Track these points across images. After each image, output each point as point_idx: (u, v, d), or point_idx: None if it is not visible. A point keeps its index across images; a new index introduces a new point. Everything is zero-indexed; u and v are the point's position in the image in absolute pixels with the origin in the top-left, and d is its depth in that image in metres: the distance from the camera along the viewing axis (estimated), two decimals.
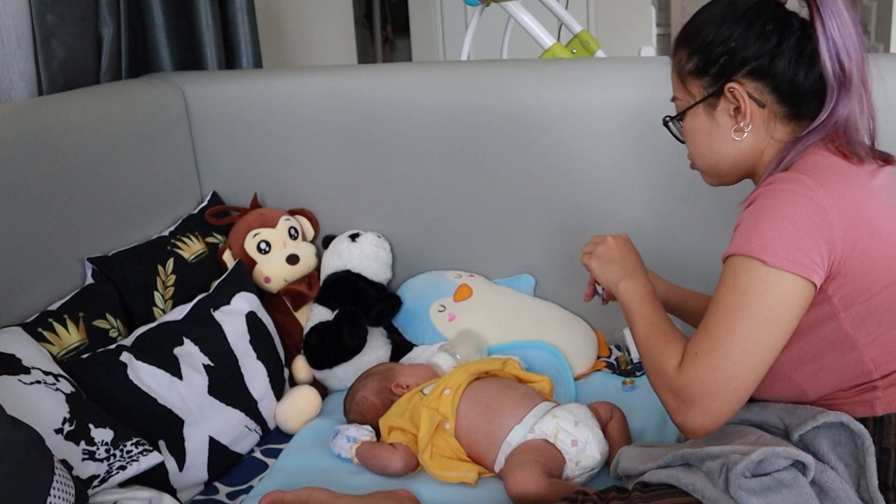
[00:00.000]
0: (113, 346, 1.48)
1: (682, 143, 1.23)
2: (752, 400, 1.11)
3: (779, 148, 1.13)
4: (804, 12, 1.11)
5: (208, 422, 1.49)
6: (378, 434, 1.57)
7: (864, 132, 1.12)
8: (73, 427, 1.24)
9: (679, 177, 1.29)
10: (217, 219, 1.95)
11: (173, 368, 1.48)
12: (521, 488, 1.32)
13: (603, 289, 1.35)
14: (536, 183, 1.85)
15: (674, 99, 1.22)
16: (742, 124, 1.14)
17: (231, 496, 1.48)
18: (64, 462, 1.17)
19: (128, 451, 1.29)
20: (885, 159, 1.13)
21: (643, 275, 1.26)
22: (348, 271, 1.91)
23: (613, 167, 1.79)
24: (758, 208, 1.05)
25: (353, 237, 1.94)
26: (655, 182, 1.76)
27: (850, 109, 1.08)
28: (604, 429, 1.46)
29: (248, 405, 1.59)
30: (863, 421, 1.08)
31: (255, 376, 1.62)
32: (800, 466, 1.06)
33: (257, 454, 1.59)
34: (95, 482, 1.23)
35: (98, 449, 1.26)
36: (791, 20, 1.11)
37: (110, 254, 1.67)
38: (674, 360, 1.09)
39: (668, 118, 1.24)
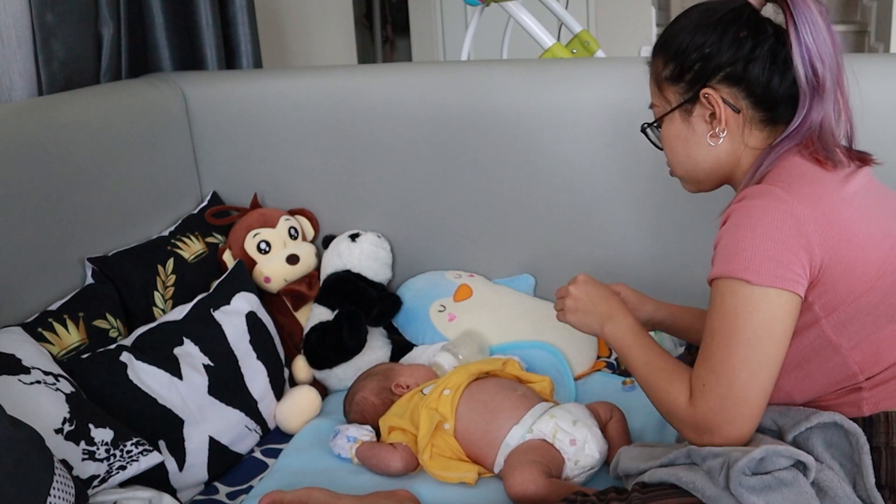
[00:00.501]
0: (113, 346, 1.48)
1: (661, 149, 1.25)
2: None
3: (755, 155, 1.15)
4: (779, 18, 1.12)
5: (208, 422, 1.49)
6: (378, 434, 1.57)
7: (842, 136, 1.13)
8: (73, 427, 1.24)
9: None
10: (217, 219, 1.95)
11: (173, 368, 1.48)
12: (521, 488, 1.32)
13: None
14: (537, 183, 1.85)
15: (652, 106, 1.24)
16: (717, 130, 1.15)
17: (231, 496, 1.48)
18: (64, 462, 1.17)
19: (128, 451, 1.29)
20: (862, 159, 1.14)
21: (622, 312, 1.27)
22: (348, 271, 1.91)
23: (615, 166, 1.79)
24: (734, 226, 1.07)
25: (353, 237, 1.94)
26: (658, 180, 1.75)
27: (824, 115, 1.09)
28: (603, 429, 1.46)
29: (248, 405, 1.59)
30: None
31: (255, 376, 1.62)
32: (800, 467, 1.07)
33: (257, 454, 1.59)
34: (95, 482, 1.23)
35: (98, 449, 1.26)
36: (765, 26, 1.12)
37: (110, 254, 1.67)
38: (682, 396, 1.10)
39: (645, 125, 1.26)
